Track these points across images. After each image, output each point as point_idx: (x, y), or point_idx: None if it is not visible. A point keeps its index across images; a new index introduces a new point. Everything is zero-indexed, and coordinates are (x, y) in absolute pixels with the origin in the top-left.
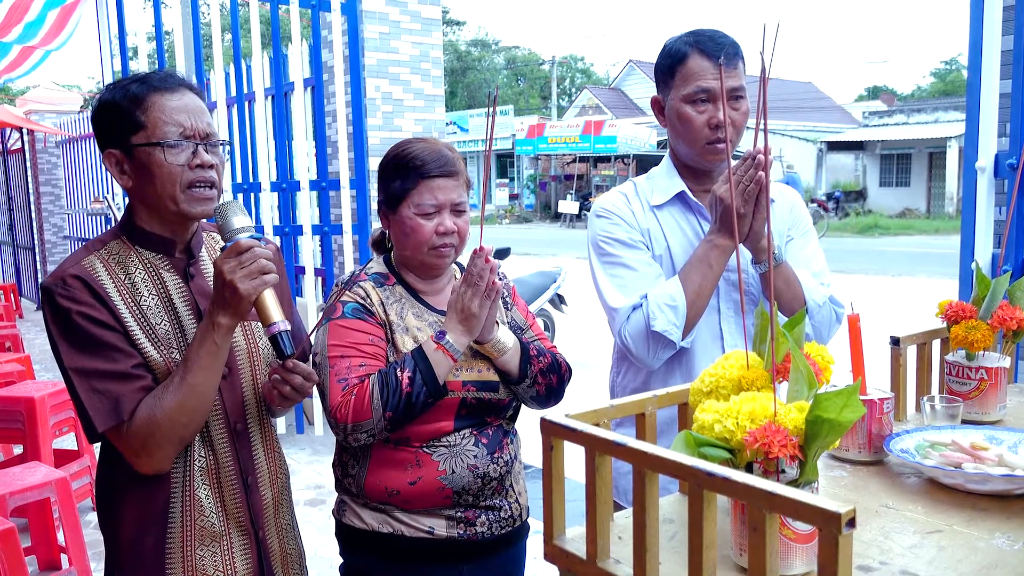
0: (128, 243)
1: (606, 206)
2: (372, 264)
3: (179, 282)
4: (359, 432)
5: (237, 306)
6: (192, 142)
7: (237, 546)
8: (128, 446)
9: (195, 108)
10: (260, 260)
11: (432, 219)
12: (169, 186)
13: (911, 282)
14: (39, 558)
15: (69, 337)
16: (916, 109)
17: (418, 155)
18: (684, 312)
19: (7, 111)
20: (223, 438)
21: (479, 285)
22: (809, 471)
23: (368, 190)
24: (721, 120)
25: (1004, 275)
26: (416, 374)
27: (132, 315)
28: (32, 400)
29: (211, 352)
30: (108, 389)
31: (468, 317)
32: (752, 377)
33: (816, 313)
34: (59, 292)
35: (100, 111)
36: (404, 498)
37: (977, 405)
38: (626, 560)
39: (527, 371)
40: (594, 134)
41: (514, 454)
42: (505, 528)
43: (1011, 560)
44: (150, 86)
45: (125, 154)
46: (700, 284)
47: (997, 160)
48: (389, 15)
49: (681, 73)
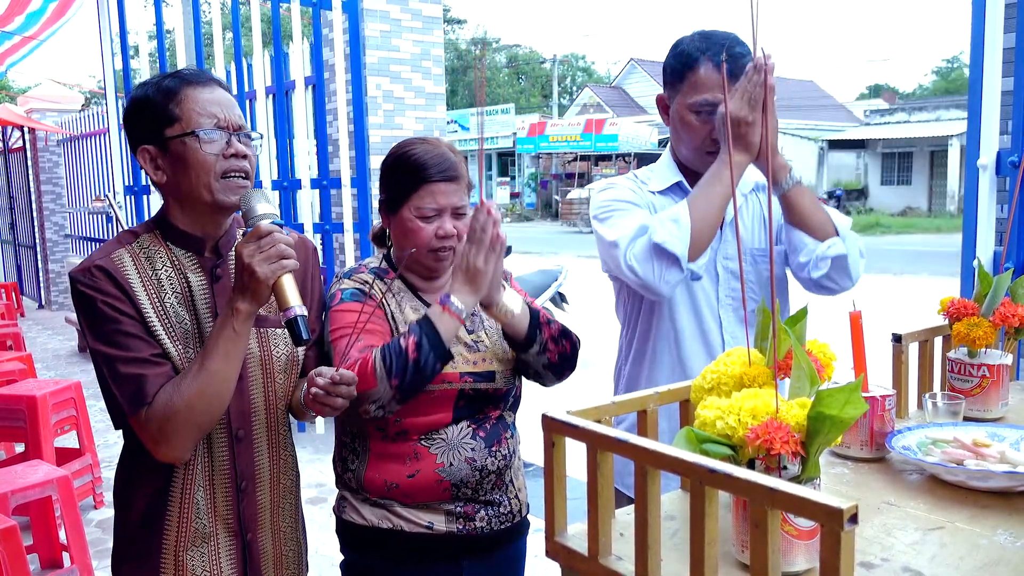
0: (160, 239)
1: (608, 183)
2: (372, 260)
3: (203, 283)
4: (367, 403)
5: (255, 290)
6: (226, 132)
7: (223, 547)
8: (147, 432)
9: (227, 101)
10: (279, 245)
11: (432, 222)
12: (204, 175)
13: (913, 280)
14: (41, 556)
15: (94, 325)
16: (918, 107)
17: (420, 157)
18: (687, 227)
19: (8, 109)
20: (222, 443)
21: (483, 239)
22: (811, 468)
23: (369, 188)
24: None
25: (1006, 272)
26: (422, 338)
27: (155, 310)
28: (34, 398)
29: (230, 338)
30: (132, 373)
31: (474, 274)
32: (754, 374)
33: (847, 237)
34: (83, 282)
35: (133, 108)
36: (403, 491)
37: (979, 402)
38: (628, 557)
39: (536, 336)
40: (595, 132)
41: (513, 449)
42: (504, 524)
43: (1013, 557)
44: (183, 80)
45: (160, 148)
46: (708, 201)
47: (999, 158)
48: (390, 13)
49: (690, 80)
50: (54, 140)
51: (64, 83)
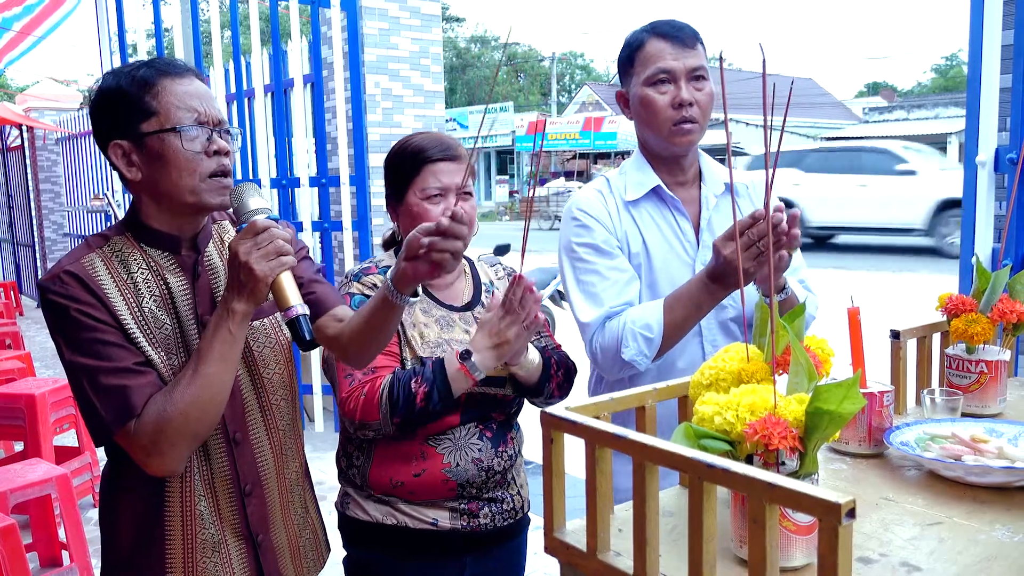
0: (132, 240)
1: (582, 206)
2: (382, 256)
3: (183, 283)
4: (366, 429)
5: (253, 288)
6: (207, 128)
7: (234, 552)
8: (137, 445)
9: (205, 94)
10: (277, 241)
11: (438, 204)
12: (187, 176)
13: (911, 277)
14: (40, 555)
15: (69, 335)
16: (916, 105)
17: (419, 143)
18: (658, 345)
19: (6, 108)
20: (220, 448)
21: (519, 315)
22: (809, 463)
23: (368, 186)
24: (685, 99)
25: (1004, 269)
26: (433, 391)
27: (132, 316)
28: (33, 397)
29: (226, 340)
30: (115, 385)
31: (502, 344)
32: (752, 369)
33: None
34: (55, 289)
35: (103, 99)
36: (409, 489)
37: (977, 398)
38: (626, 553)
39: (544, 388)
40: (594, 130)
41: (517, 448)
42: (507, 520)
43: (1011, 552)
44: (158, 70)
45: (134, 144)
46: (684, 320)
47: (997, 154)
48: (388, 11)
49: (640, 58)
50: (52, 138)
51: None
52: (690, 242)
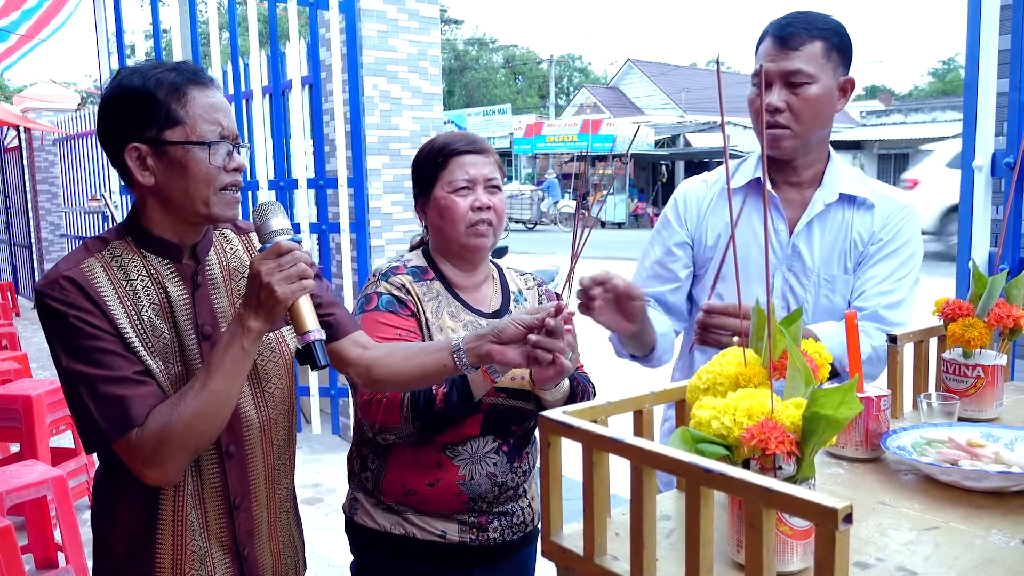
0: (133, 246)
1: (683, 190)
2: (411, 256)
3: (183, 293)
4: (387, 433)
5: (271, 309)
6: (228, 143)
7: (219, 566)
8: (137, 456)
9: (226, 107)
10: (300, 264)
11: (466, 196)
12: (203, 187)
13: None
14: (36, 556)
15: (67, 342)
16: (914, 109)
17: (444, 139)
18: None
19: (4, 109)
20: (212, 461)
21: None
22: (806, 468)
23: (366, 188)
24: (773, 104)
25: (1001, 273)
26: (452, 391)
27: (131, 324)
28: (29, 398)
29: (237, 357)
30: (115, 395)
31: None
32: (749, 374)
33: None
34: (53, 295)
35: (124, 98)
36: (420, 498)
37: (974, 403)
38: (623, 557)
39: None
40: (592, 133)
41: (532, 462)
42: (517, 533)
43: (1007, 556)
44: (187, 78)
45: (153, 149)
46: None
47: (994, 159)
48: (387, 13)
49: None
50: (50, 139)
51: (60, 82)
52: (779, 242)
